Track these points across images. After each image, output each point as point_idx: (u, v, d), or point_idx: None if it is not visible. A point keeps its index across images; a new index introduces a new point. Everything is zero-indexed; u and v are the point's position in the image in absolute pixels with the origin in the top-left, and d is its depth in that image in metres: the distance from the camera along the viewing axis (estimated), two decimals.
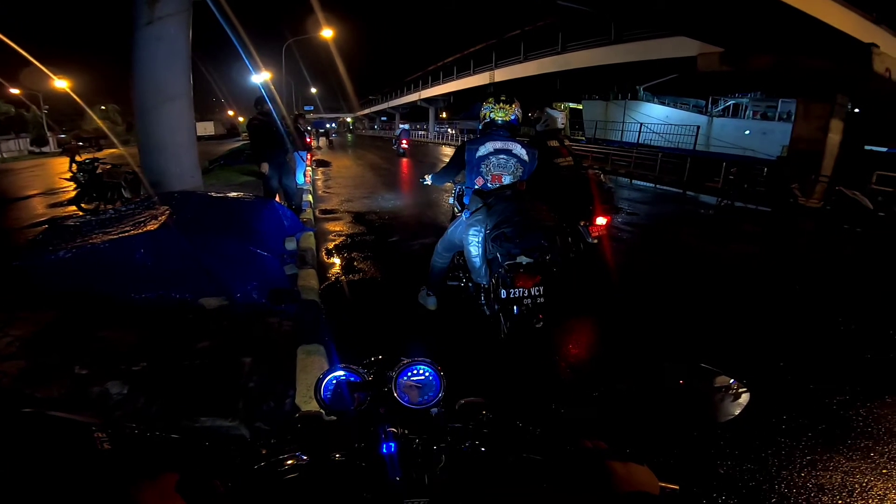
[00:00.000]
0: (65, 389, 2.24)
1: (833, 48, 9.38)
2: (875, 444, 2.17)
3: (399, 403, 0.71)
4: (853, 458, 2.07)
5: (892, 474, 1.98)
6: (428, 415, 0.73)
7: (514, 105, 3.04)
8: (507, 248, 2.66)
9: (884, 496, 1.86)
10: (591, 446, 0.66)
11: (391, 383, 0.73)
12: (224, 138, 34.27)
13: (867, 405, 2.48)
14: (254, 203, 4.75)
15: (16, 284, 3.22)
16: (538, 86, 25.87)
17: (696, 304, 4.02)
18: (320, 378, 0.77)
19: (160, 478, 0.55)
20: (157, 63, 4.96)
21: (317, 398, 0.75)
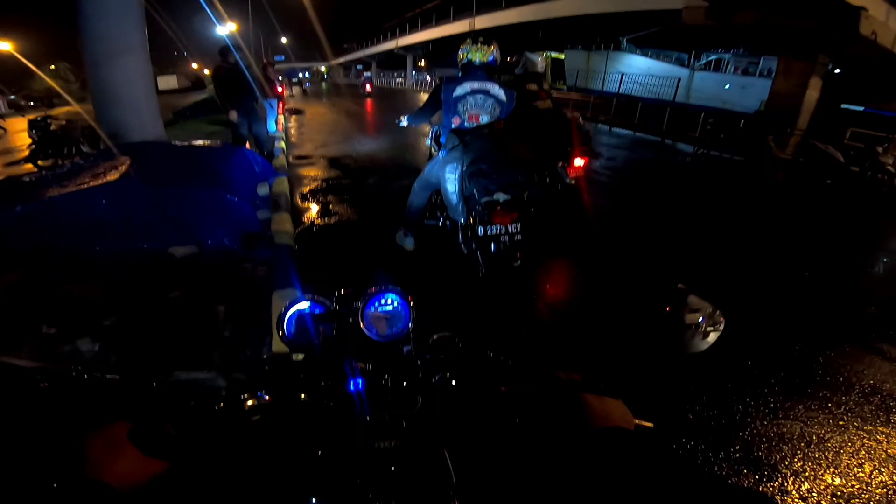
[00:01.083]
0: (34, 351, 2.16)
1: (821, 9, 9.35)
2: (833, 395, 2.20)
3: (366, 336, 0.68)
4: (812, 408, 2.10)
5: (847, 427, 2.00)
6: (397, 349, 0.70)
7: (493, 46, 3.00)
8: (483, 184, 2.64)
9: (839, 449, 1.87)
10: (565, 379, 0.64)
11: (357, 314, 0.69)
12: (188, 91, 32.34)
13: (826, 354, 2.51)
14: (221, 150, 4.54)
15: None
16: (519, 34, 25.01)
17: (668, 245, 4.12)
18: (282, 311, 0.72)
19: (111, 425, 0.53)
20: (106, 15, 4.60)
21: (279, 333, 0.71)
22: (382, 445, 0.58)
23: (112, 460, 0.50)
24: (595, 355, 2.37)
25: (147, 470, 0.51)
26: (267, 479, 0.58)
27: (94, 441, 0.51)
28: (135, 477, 0.50)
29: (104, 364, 2.11)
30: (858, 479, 1.74)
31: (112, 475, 0.48)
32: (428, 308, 0.74)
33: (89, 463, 0.49)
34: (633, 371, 2.20)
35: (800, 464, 1.80)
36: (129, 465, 0.50)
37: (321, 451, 0.59)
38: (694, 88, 24.50)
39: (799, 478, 1.74)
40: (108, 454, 0.50)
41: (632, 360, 2.25)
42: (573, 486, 0.52)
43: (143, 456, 0.51)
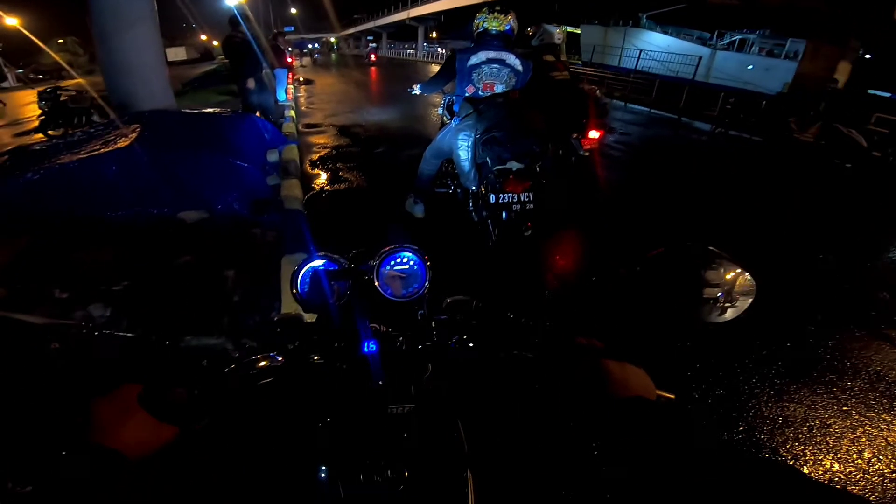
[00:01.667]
0: (46, 316, 2.20)
1: None
2: (838, 379, 2.16)
3: (382, 295, 0.66)
4: (817, 392, 2.07)
5: (850, 412, 1.97)
6: (412, 310, 0.67)
7: (510, 16, 2.92)
8: (497, 152, 2.59)
9: (840, 435, 1.85)
10: (586, 344, 0.61)
11: (373, 272, 0.66)
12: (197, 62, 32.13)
13: (836, 338, 2.47)
14: (231, 117, 4.52)
15: None
16: (533, 6, 24.30)
17: (681, 219, 4.05)
18: (296, 269, 0.70)
19: (121, 388, 0.50)
20: None
21: (292, 290, 0.69)
22: (395, 411, 0.57)
23: (122, 425, 0.48)
24: (610, 321, 2.34)
25: (158, 435, 0.50)
26: (278, 444, 0.57)
27: (103, 405, 0.49)
28: (145, 442, 0.48)
29: (117, 328, 2.13)
30: (857, 465, 1.72)
31: (121, 440, 0.47)
32: (439, 275, 0.70)
33: (98, 428, 0.47)
34: (652, 338, 2.17)
35: (800, 448, 1.78)
36: (138, 430, 0.48)
37: (333, 415, 0.57)
38: (715, 68, 23.82)
39: (798, 462, 1.72)
40: (118, 419, 0.48)
41: (649, 326, 2.20)
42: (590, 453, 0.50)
43: (154, 420, 0.50)
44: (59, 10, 29.49)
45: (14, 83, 29.58)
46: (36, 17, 29.19)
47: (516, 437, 1.23)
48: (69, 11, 22.29)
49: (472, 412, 0.63)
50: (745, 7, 11.37)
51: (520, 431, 1.18)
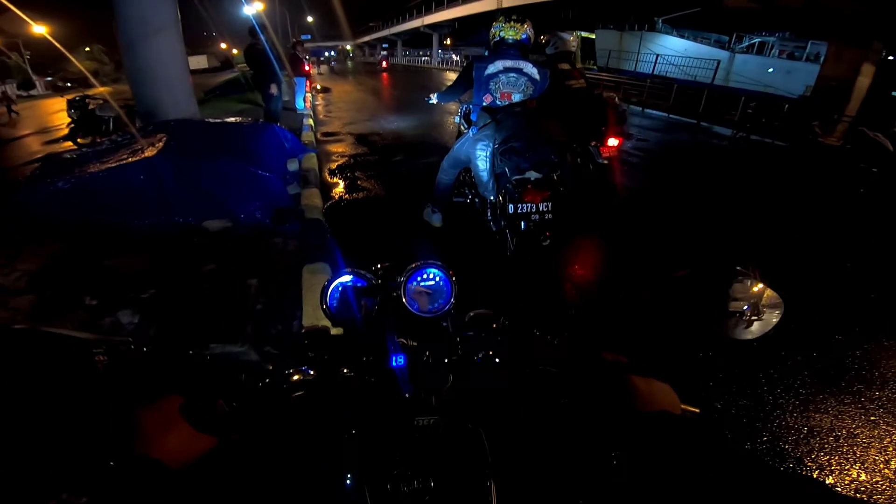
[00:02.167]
0: (77, 322, 2.25)
1: None
2: (867, 390, 2.12)
3: (408, 311, 0.67)
4: (844, 402, 2.03)
5: (878, 422, 1.93)
6: (438, 325, 0.68)
7: (526, 24, 2.93)
8: (516, 162, 2.60)
9: (867, 445, 1.82)
10: (612, 360, 0.62)
11: (400, 288, 0.68)
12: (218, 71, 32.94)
13: (864, 348, 2.42)
14: (253, 126, 4.62)
15: (19, 219, 3.17)
16: (549, 13, 24.30)
17: (704, 229, 3.98)
18: (326, 284, 0.72)
19: (163, 400, 0.52)
20: None
21: (322, 306, 0.71)
22: (421, 422, 0.58)
23: (164, 435, 0.50)
24: (635, 337, 2.32)
25: (197, 445, 0.52)
26: (308, 453, 0.59)
27: (147, 416, 0.51)
28: (186, 452, 0.51)
29: (144, 335, 2.18)
30: (883, 475, 1.69)
31: (164, 450, 0.49)
32: (459, 286, 0.72)
33: (142, 438, 0.49)
34: (677, 355, 2.15)
35: (826, 457, 1.75)
36: (180, 441, 0.51)
37: (361, 427, 0.59)
38: (734, 72, 23.46)
39: (824, 472, 1.70)
40: (161, 429, 0.50)
41: (674, 344, 2.19)
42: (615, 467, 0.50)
43: (194, 431, 0.51)
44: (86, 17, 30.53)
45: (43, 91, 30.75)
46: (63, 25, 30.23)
47: (540, 450, 1.22)
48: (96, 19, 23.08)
49: (497, 424, 0.63)
50: (764, 9, 11.17)
51: (544, 444, 1.18)
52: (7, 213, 3.19)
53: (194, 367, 0.64)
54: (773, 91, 16.20)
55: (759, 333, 0.63)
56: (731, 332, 0.64)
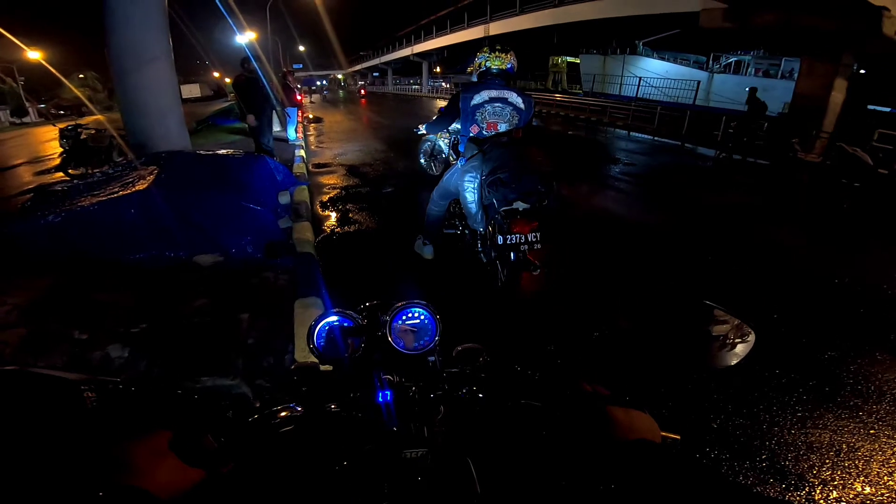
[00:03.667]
0: (66, 356, 2.22)
1: (843, 9, 9.20)
2: (864, 404, 2.14)
3: (394, 349, 0.69)
4: (842, 417, 2.05)
5: (878, 435, 1.95)
6: (424, 361, 0.70)
7: (510, 54, 3.01)
8: (503, 193, 2.63)
9: (869, 457, 1.84)
10: (591, 391, 0.64)
11: (385, 328, 0.70)
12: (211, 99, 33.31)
13: (858, 362, 2.45)
14: (244, 159, 4.65)
15: (9, 252, 3.15)
16: (535, 40, 25.05)
17: (693, 252, 4.04)
18: (313, 324, 0.74)
19: (152, 435, 0.54)
20: (132, 24, 4.75)
21: (309, 346, 0.73)
22: (409, 455, 0.59)
23: (154, 468, 0.51)
24: (618, 367, 2.34)
25: (186, 478, 0.53)
26: (297, 487, 0.59)
27: (136, 450, 0.53)
28: (175, 484, 0.52)
29: (135, 369, 2.16)
30: (888, 487, 1.71)
31: (154, 483, 0.50)
32: (450, 318, 0.74)
33: (133, 470, 0.50)
34: (659, 383, 2.16)
35: (828, 472, 1.77)
36: (169, 473, 0.52)
37: (349, 460, 0.60)
38: (714, 91, 24.19)
39: (827, 486, 1.71)
40: (150, 462, 0.52)
41: (656, 372, 2.21)
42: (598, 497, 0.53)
43: (183, 464, 0.53)
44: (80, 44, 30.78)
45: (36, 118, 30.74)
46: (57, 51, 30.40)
47: (526, 481, 1.23)
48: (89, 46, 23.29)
49: (484, 454, 0.65)
50: (739, 29, 11.59)
51: (529, 474, 1.19)
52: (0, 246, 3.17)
53: (183, 403, 0.66)
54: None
55: (734, 362, 0.67)
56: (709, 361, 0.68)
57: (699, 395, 2.15)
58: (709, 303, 0.69)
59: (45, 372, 0.65)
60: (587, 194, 6.03)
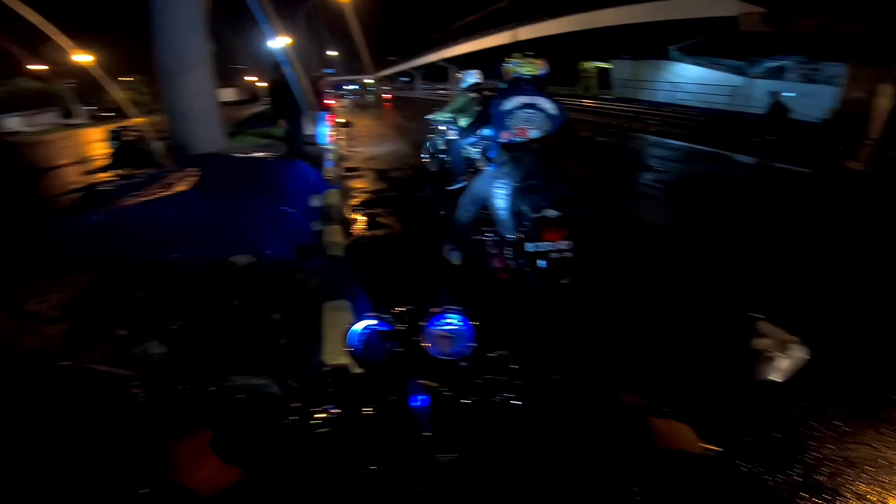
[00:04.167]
0: (107, 351, 2.30)
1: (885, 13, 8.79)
2: None
3: (429, 354, 0.70)
4: (882, 432, 1.97)
5: None
6: (458, 367, 0.71)
7: (542, 60, 3.00)
8: (534, 200, 2.62)
9: None
10: (630, 401, 0.64)
11: (422, 333, 0.71)
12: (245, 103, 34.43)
13: None
14: (278, 162, 4.81)
15: (56, 249, 3.30)
16: (564, 45, 24.85)
17: (733, 263, 3.89)
18: (349, 328, 0.75)
19: (194, 434, 0.56)
20: (175, 30, 4.99)
21: (347, 348, 0.74)
22: (441, 460, 0.60)
23: (195, 466, 0.53)
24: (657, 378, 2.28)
25: (225, 476, 0.55)
26: (331, 491, 0.59)
27: (179, 447, 0.55)
28: (214, 483, 0.53)
29: (171, 366, 2.23)
30: None
31: (194, 480, 0.52)
32: (481, 325, 0.74)
33: (174, 468, 0.52)
34: (701, 395, 2.10)
35: (865, 487, 1.70)
36: (209, 472, 0.54)
37: (383, 464, 0.60)
38: (752, 97, 23.40)
39: (863, 501, 1.65)
40: (192, 460, 0.54)
41: (698, 384, 2.15)
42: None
43: (223, 463, 0.55)
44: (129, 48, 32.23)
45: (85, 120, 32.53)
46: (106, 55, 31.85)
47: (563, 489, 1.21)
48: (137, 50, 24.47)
49: (518, 461, 0.64)
50: (778, 34, 11.21)
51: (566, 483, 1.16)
52: (46, 243, 3.34)
53: (225, 403, 0.67)
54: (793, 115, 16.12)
55: (783, 378, 0.67)
56: (755, 373, 0.68)
57: (743, 408, 2.07)
58: (759, 316, 0.69)
59: (100, 368, 0.68)
60: (618, 202, 5.91)
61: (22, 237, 3.40)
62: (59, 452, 0.55)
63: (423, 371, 0.66)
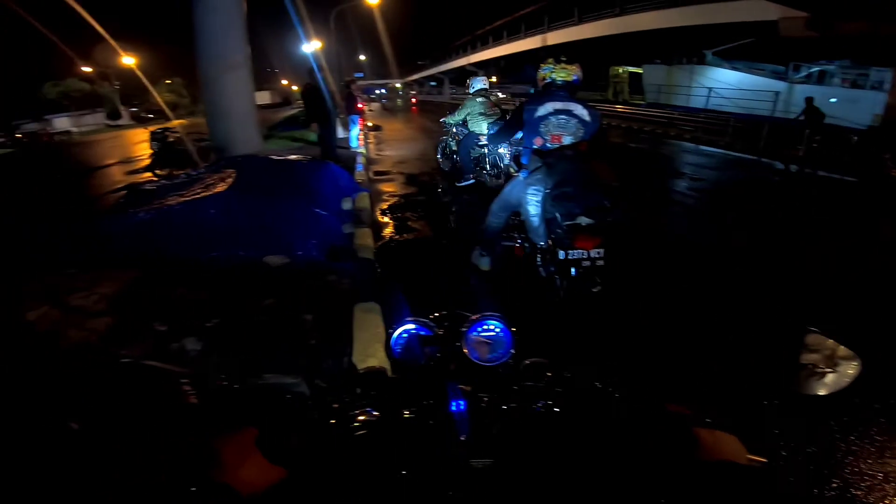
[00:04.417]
0: (147, 346, 2.38)
1: None
2: None
3: (469, 360, 0.70)
4: None
5: None
6: (496, 373, 0.71)
7: (576, 66, 2.96)
8: (567, 207, 2.59)
9: None
10: (675, 411, 0.62)
11: (462, 339, 0.71)
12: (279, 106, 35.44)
13: None
14: (312, 165, 4.90)
15: (102, 245, 3.45)
16: (594, 49, 24.50)
17: (771, 274, 3.74)
18: (390, 331, 0.76)
19: (241, 432, 0.56)
20: (216, 33, 5.16)
21: (387, 352, 0.75)
22: (477, 465, 0.59)
23: (240, 465, 0.54)
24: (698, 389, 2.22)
25: (269, 476, 0.55)
26: (367, 493, 0.60)
27: (225, 445, 0.55)
28: (257, 482, 0.54)
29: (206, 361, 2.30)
30: None
31: (238, 479, 0.52)
32: (519, 332, 0.75)
33: (220, 466, 0.53)
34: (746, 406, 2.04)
35: None
36: (253, 471, 0.54)
37: (419, 467, 0.60)
38: (794, 103, 22.44)
39: None
40: (238, 459, 0.54)
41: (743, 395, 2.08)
42: None
43: (267, 462, 0.55)
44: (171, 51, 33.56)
45: (129, 121, 34.14)
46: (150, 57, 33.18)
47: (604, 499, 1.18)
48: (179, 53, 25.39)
49: (557, 469, 0.63)
50: (822, 38, 10.71)
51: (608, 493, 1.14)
52: (93, 239, 3.50)
53: (270, 402, 0.68)
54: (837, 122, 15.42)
55: (833, 388, 0.65)
56: (802, 386, 0.66)
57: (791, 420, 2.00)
58: (813, 329, 0.67)
59: (155, 364, 0.70)
60: (652, 210, 5.77)
61: (72, 234, 3.58)
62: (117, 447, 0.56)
63: (461, 376, 0.66)
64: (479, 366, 0.70)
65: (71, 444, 0.60)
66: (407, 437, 0.62)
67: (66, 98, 33.85)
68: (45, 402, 0.69)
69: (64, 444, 0.61)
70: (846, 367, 0.64)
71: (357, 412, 0.63)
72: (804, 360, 0.66)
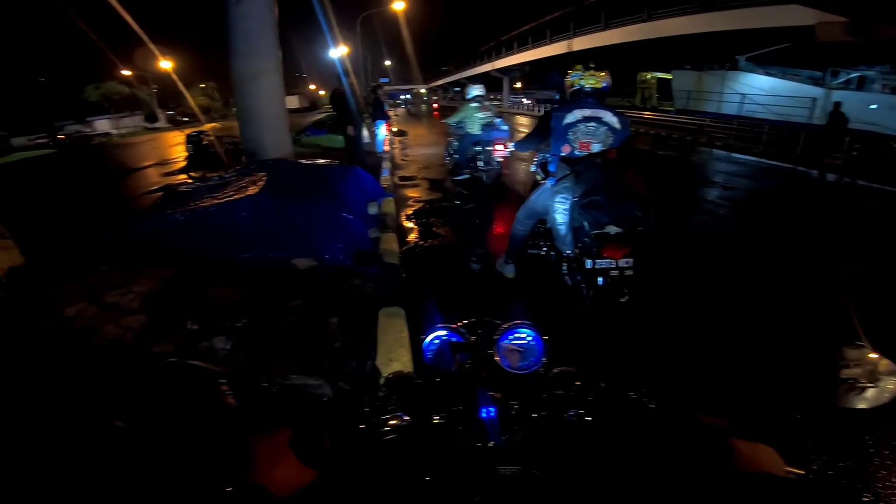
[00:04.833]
0: (179, 343, 2.45)
1: None
2: None
3: (500, 367, 0.70)
4: None
5: None
6: (525, 381, 0.71)
7: (606, 73, 2.92)
8: (596, 216, 2.56)
9: None
10: (711, 422, 0.61)
11: (493, 346, 0.72)
12: (307, 111, 36.21)
13: None
14: (340, 169, 4.98)
15: (139, 245, 3.58)
16: (621, 55, 24.09)
17: (804, 288, 3.57)
18: (422, 337, 0.77)
19: (275, 432, 0.57)
20: (248, 39, 5.28)
21: (421, 358, 0.76)
22: (506, 472, 0.59)
23: (274, 465, 0.54)
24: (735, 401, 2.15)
25: (301, 477, 0.56)
26: (396, 497, 0.60)
27: (260, 446, 0.56)
28: (290, 482, 0.54)
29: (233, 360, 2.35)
30: None
31: (271, 479, 0.53)
32: (550, 340, 0.75)
33: (254, 466, 0.54)
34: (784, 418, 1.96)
35: None
36: (286, 472, 0.55)
37: (447, 472, 0.60)
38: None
39: None
40: (271, 460, 0.55)
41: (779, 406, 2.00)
42: None
43: (300, 464, 0.56)
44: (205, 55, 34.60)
45: (165, 123, 35.39)
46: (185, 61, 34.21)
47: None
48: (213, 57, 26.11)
49: (589, 479, 0.62)
50: (861, 43, 10.22)
51: None
52: (130, 239, 3.63)
53: (305, 404, 0.70)
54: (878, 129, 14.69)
55: (875, 402, 0.64)
56: (843, 399, 0.65)
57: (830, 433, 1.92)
58: (859, 343, 0.67)
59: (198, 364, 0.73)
60: (682, 219, 5.64)
61: (111, 234, 3.73)
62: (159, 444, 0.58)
63: (492, 383, 0.67)
64: (509, 373, 0.71)
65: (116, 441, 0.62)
66: (437, 442, 0.63)
67: (106, 100, 35.34)
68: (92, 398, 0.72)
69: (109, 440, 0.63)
70: (888, 381, 0.62)
71: (388, 416, 0.63)
72: (844, 374, 0.65)
